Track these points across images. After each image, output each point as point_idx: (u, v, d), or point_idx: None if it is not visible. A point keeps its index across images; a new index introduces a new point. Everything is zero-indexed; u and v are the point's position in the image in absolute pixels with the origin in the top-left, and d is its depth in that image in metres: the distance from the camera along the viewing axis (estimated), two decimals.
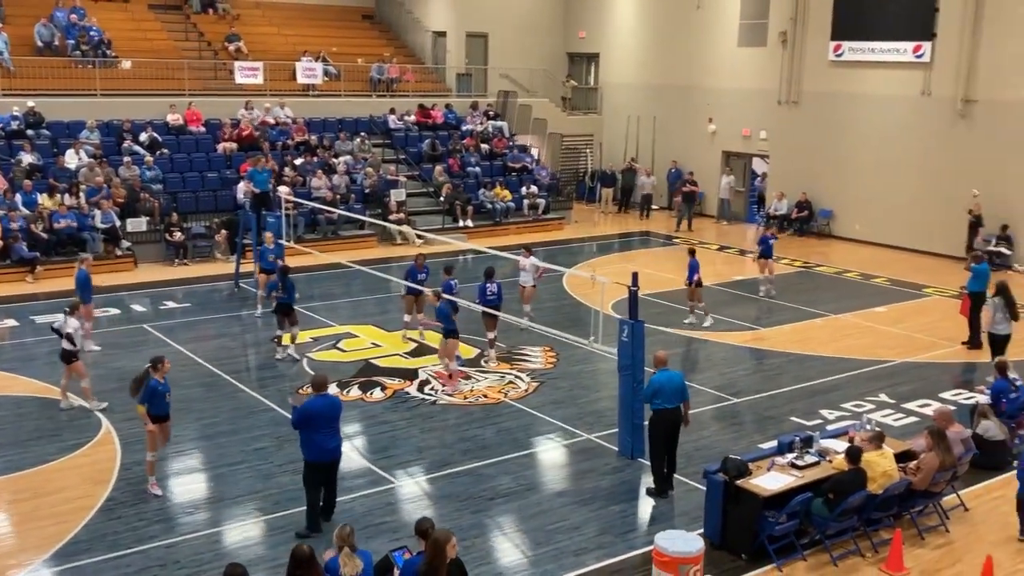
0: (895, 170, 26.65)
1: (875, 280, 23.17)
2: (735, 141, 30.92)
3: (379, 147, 28.93)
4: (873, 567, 9.86)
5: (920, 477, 10.39)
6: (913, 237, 26.39)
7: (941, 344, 17.75)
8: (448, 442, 12.85)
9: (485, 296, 16.24)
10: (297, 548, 7.63)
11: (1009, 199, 24.29)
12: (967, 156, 25.07)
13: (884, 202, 27.00)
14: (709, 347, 17.42)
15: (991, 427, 12.22)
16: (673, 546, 7.78)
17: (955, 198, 25.18)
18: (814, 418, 13.88)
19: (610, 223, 30.58)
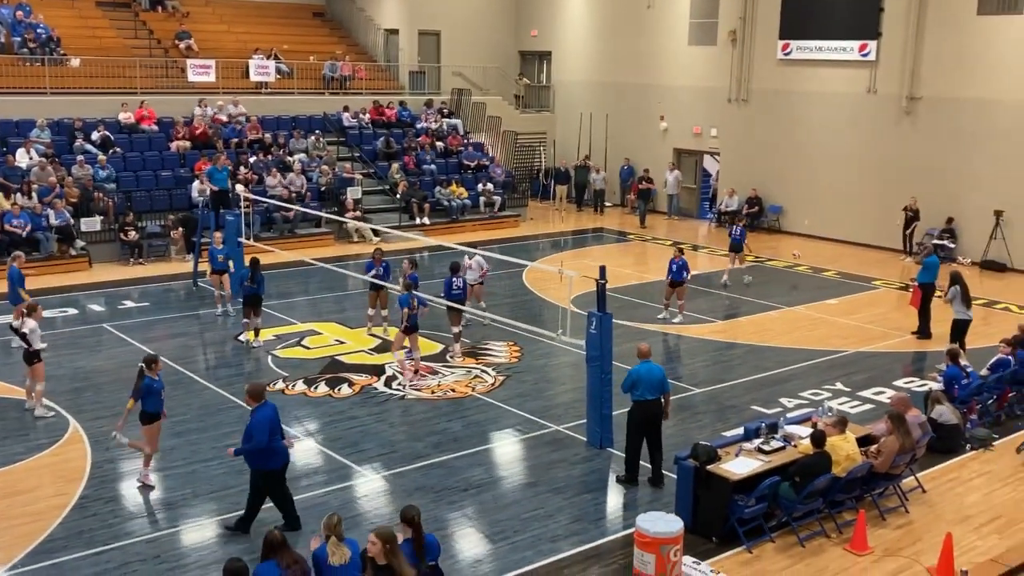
0: (842, 166, 27.30)
1: (825, 273, 23.73)
2: (686, 138, 31.41)
3: (333, 145, 28.91)
4: (838, 547, 10.22)
5: (881, 460, 10.78)
6: (861, 231, 27.06)
7: (892, 334, 18.28)
8: (419, 436, 12.99)
9: (451, 291, 16.41)
10: (269, 534, 7.80)
11: (952, 193, 25.02)
12: (912, 152, 25.78)
13: (832, 197, 27.64)
14: (669, 339, 17.75)
15: (945, 412, 12.68)
16: (654, 527, 8.04)
17: (901, 193, 25.87)
18: (774, 407, 14.27)
19: (565, 220, 30.87)
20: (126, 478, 11.49)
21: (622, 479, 11.55)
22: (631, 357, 14.73)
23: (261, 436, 9.91)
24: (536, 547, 10.05)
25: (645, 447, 11.55)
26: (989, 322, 19.38)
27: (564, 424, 13.44)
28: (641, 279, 22.54)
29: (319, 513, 10.41)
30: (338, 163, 28.07)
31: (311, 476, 11.67)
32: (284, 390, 14.62)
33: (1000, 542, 10.33)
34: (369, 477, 11.69)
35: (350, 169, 27.81)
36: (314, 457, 12.27)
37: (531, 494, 11.29)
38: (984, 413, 13.72)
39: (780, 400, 14.58)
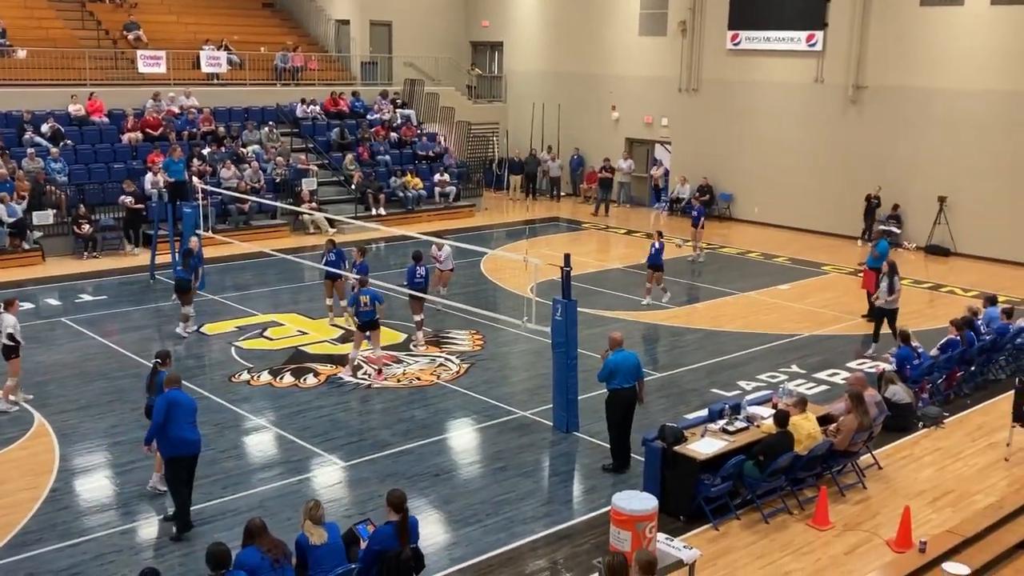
0: (791, 154, 27.81)
1: (776, 259, 24.20)
2: (638, 128, 31.73)
3: (287, 136, 28.75)
4: (801, 523, 10.56)
5: (840, 438, 11.14)
6: (809, 218, 27.59)
7: (843, 318, 18.74)
8: (387, 423, 13.11)
9: (414, 279, 16.50)
10: (250, 521, 7.94)
11: (898, 180, 25.63)
12: (858, 140, 26.34)
13: (781, 185, 28.14)
14: (628, 326, 18.00)
15: (898, 391, 13.10)
16: (630, 505, 8.26)
17: (848, 180, 26.44)
18: (733, 389, 14.62)
19: (519, 209, 31.06)
20: (95, 471, 11.45)
21: (609, 467, 11.73)
22: (593, 343, 15.04)
23: (156, 417, 9.87)
24: (509, 529, 10.24)
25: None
26: (935, 304, 19.96)
27: (530, 410, 13.64)
28: (599, 267, 22.81)
29: (292, 501, 10.57)
30: (292, 154, 27.94)
31: (282, 465, 11.74)
32: (250, 381, 14.62)
33: (954, 514, 10.73)
34: (339, 465, 11.79)
35: (305, 160, 27.70)
36: (283, 447, 12.32)
37: (501, 478, 11.47)
38: (935, 392, 14.18)
39: (738, 383, 14.92)
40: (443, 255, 18.43)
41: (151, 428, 9.99)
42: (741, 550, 9.97)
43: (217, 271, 21.41)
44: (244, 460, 11.91)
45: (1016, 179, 23.73)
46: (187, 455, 10.01)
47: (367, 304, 14.70)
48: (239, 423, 13.04)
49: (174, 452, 9.94)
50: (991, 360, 15.18)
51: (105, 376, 14.64)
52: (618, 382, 11.49)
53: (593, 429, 12.71)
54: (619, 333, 11.96)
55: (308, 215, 25.20)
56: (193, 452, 10.06)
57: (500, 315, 16.59)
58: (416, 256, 16.80)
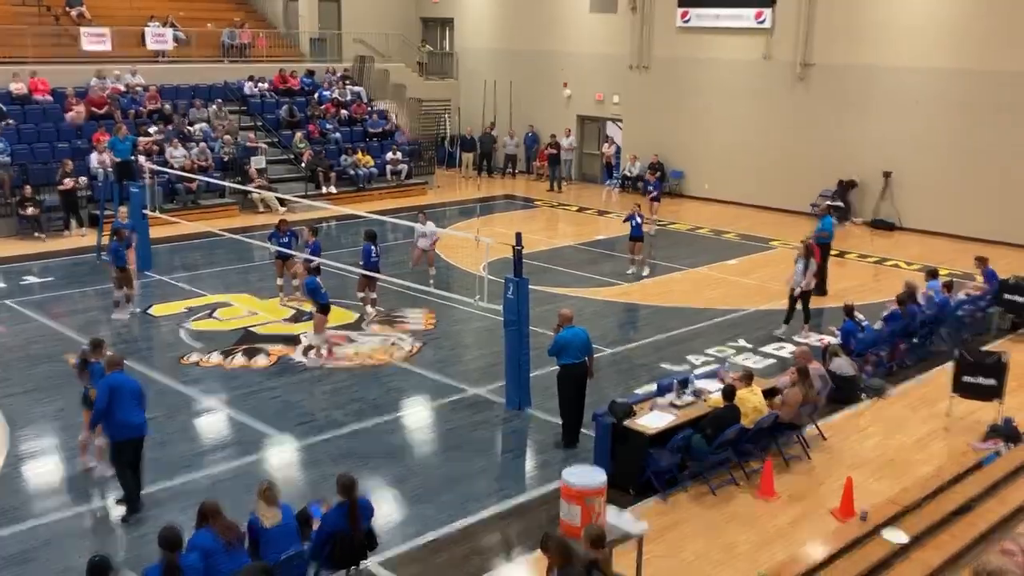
0: (741, 131, 28.09)
1: (725, 235, 24.50)
2: (589, 105, 31.83)
3: (235, 114, 28.45)
4: (747, 494, 10.81)
5: (786, 410, 11.40)
6: (758, 194, 27.94)
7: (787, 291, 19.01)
8: (340, 403, 13.16)
9: (369, 258, 16.51)
10: (203, 503, 7.94)
11: (845, 156, 26.02)
12: (806, 117, 26.67)
13: (731, 162, 28.44)
14: (579, 303, 18.13)
15: (843, 364, 13.40)
16: (579, 480, 8.40)
17: (796, 156, 26.79)
18: (682, 364, 14.85)
19: (471, 187, 31.07)
20: (45, 455, 11.37)
21: (560, 442, 11.87)
22: (545, 320, 15.17)
23: (99, 403, 9.82)
24: (463, 505, 10.37)
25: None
26: (880, 278, 20.36)
27: (483, 387, 13.77)
28: (551, 244, 22.95)
29: (246, 483, 10.58)
30: (240, 132, 27.67)
31: (234, 447, 11.75)
32: (200, 362, 14.58)
33: (895, 483, 11.05)
34: (292, 446, 11.82)
35: (253, 138, 27.45)
36: (235, 428, 12.34)
37: (454, 456, 11.59)
38: (878, 364, 14.52)
39: (687, 358, 15.17)
40: (426, 231, 18.36)
41: (94, 414, 9.94)
42: (689, 522, 10.19)
43: (166, 251, 21.21)
44: (196, 442, 11.90)
45: (958, 155, 24.22)
46: (132, 438, 9.96)
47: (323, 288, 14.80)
48: (190, 405, 13.02)
49: (119, 436, 9.89)
50: (933, 332, 15.56)
51: (52, 359, 14.49)
52: (569, 358, 11.63)
53: (546, 406, 12.86)
54: (569, 309, 12.10)
55: (257, 194, 25.01)
56: (138, 435, 10.02)
57: (452, 293, 16.65)
58: (370, 235, 16.78)
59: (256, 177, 25.81)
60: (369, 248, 16.57)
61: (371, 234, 16.80)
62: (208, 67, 29.39)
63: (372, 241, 16.65)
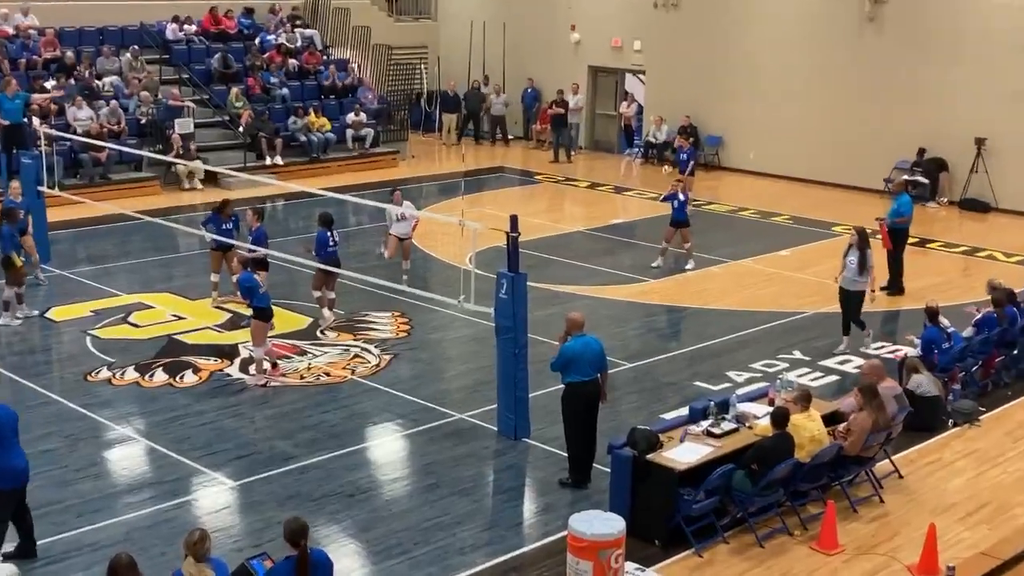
0: (794, 86, 28.09)
1: (776, 219, 24.56)
2: (604, 54, 31.86)
3: (155, 64, 28.45)
4: (803, 546, 10.84)
5: (852, 440, 11.43)
6: (817, 166, 27.98)
7: None
8: (288, 431, 13.17)
9: (326, 248, 16.51)
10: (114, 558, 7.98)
11: (927, 118, 26.03)
12: (878, 67, 26.63)
13: (782, 126, 28.46)
14: (591, 304, 18.18)
15: (923, 382, 13.44)
16: (591, 528, 8.43)
17: (865, 118, 26.79)
18: (720, 381, 14.89)
19: (455, 157, 31.11)
20: None
21: (568, 482, 11.88)
22: (548, 327, 15.20)
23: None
24: (442, 562, 10.40)
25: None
26: (971, 273, 20.43)
27: (469, 411, 13.78)
28: (555, 229, 23.00)
29: (168, 532, 10.61)
30: (162, 88, 27.65)
31: (154, 487, 11.75)
32: (111, 380, 14.60)
33: (990, 533, 11.08)
34: (228, 485, 11.84)
35: (178, 96, 27.43)
36: (155, 463, 12.33)
37: (433, 498, 11.61)
38: (968, 382, 14.55)
39: (728, 374, 15.21)
40: (401, 212, 18.18)
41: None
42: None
43: (67, 239, 21.22)
44: (105, 480, 11.89)
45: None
46: (13, 489, 9.92)
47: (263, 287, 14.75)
48: (98, 434, 13.00)
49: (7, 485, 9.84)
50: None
51: None
52: (577, 374, 11.65)
53: (547, 434, 12.87)
54: (579, 313, 12.12)
55: (183, 166, 25.00)
56: (21, 484, 10.01)
57: (431, 293, 16.65)
58: (325, 219, 16.78)
59: (181, 144, 25.79)
60: (325, 235, 16.57)
61: (327, 218, 16.80)
62: (121, 4, 29.36)
63: (328, 227, 16.65)
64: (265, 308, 14.74)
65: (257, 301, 14.68)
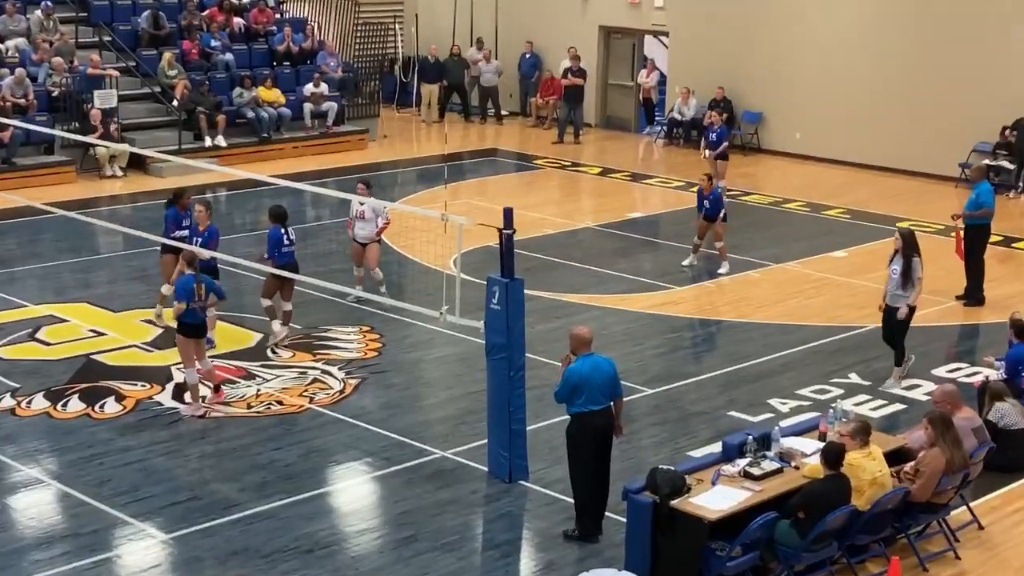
0: (850, 53, 28.15)
1: (828, 212, 24.61)
2: (618, 12, 31.94)
3: (70, 24, 28.48)
4: None
5: (921, 483, 11.41)
6: (878, 150, 28.02)
7: (927, 300, 18.86)
8: (233, 472, 13.15)
9: (281, 249, 16.49)
10: None
11: (1014, 90, 26.05)
12: (952, 29, 26.69)
13: (835, 100, 28.50)
14: (603, 316, 18.21)
15: (1007, 411, 13.41)
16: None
17: (936, 92, 26.81)
18: (761, 411, 14.89)
19: (436, 137, 31.13)
20: None
21: (574, 534, 11.86)
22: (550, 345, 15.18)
23: None
24: None
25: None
26: None
27: (453, 448, 13.76)
28: (559, 225, 23.07)
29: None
30: (78, 53, 27.67)
31: (69, 540, 11.72)
32: (15, 409, 14.57)
33: None
34: (158, 538, 11.82)
35: (98, 62, 27.44)
36: (70, 511, 12.30)
37: (408, 554, 11.59)
38: None
39: (769, 402, 15.20)
40: (365, 212, 18.08)
41: None
42: None
43: None
44: (9, 533, 11.83)
45: None
46: None
47: (202, 298, 14.62)
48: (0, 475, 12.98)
49: None
50: None
51: None
52: (587, 402, 11.61)
53: (549, 476, 12.87)
54: (586, 328, 12.08)
55: (104, 148, 25.00)
56: None
57: (407, 303, 16.65)
58: (278, 214, 16.76)
59: (101, 121, 25.79)
60: (278, 233, 16.55)
61: (279, 213, 16.77)
62: None
63: (281, 223, 16.63)
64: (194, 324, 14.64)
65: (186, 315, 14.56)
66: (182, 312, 14.56)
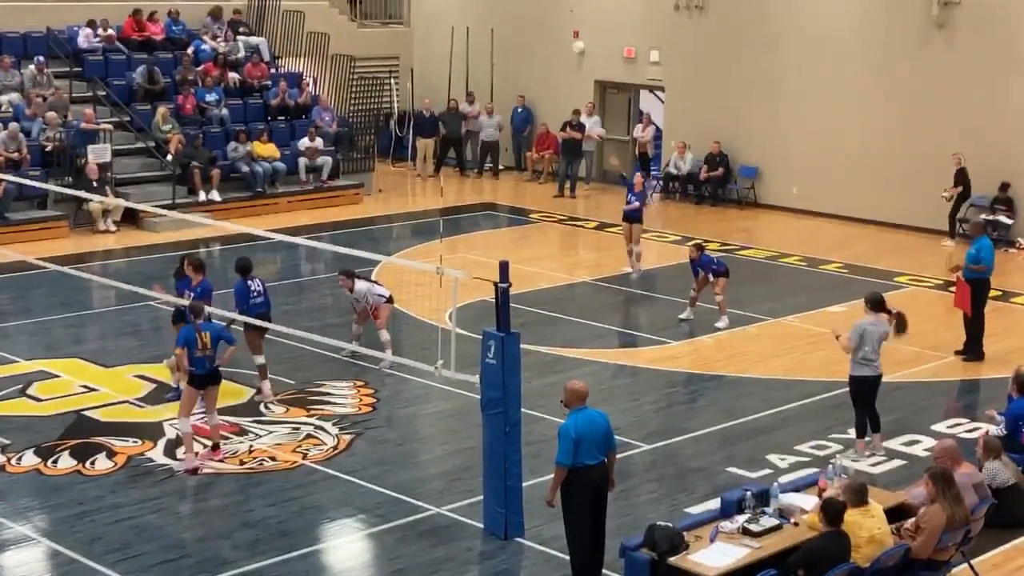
0: (848, 107, 28.22)
1: (825, 267, 24.62)
2: (614, 66, 32.08)
3: (64, 79, 28.58)
4: None
5: (922, 540, 11.35)
6: (875, 203, 28.05)
7: (926, 355, 19.09)
8: (225, 530, 13.09)
9: (249, 300, 16.57)
10: None
11: (1009, 144, 26.13)
12: (949, 84, 26.76)
13: (833, 154, 28.55)
14: (599, 371, 18.19)
15: (998, 471, 13.28)
16: None
17: (934, 145, 26.85)
18: (760, 467, 14.85)
19: (432, 191, 31.21)
20: None
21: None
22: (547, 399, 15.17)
23: None
24: None
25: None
26: None
27: (448, 504, 13.72)
28: (555, 279, 23.15)
29: None
30: (72, 108, 27.75)
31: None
32: (4, 466, 14.52)
33: None
34: None
35: (92, 117, 27.52)
36: (60, 569, 12.23)
37: None
38: None
39: (768, 457, 15.17)
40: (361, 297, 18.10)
41: None
42: None
43: None
44: None
45: None
46: None
47: (207, 347, 14.61)
48: None
49: None
50: None
51: None
52: (584, 456, 11.55)
53: (545, 533, 12.78)
54: (581, 383, 12.06)
55: (98, 203, 25.02)
56: None
57: (402, 357, 16.64)
58: (242, 267, 16.86)
59: (96, 176, 25.82)
60: (245, 288, 16.61)
61: (244, 265, 16.90)
62: (23, 5, 29.52)
63: (245, 275, 16.71)
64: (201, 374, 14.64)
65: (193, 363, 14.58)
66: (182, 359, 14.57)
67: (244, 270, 16.88)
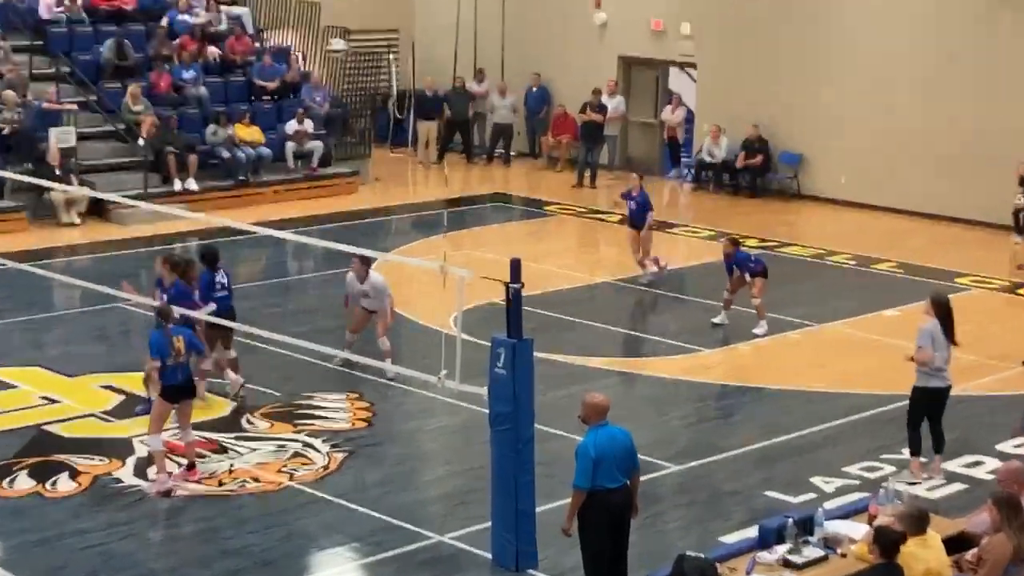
0: (903, 91, 28.21)
1: (877, 266, 24.59)
2: (640, 40, 32.08)
3: (23, 54, 28.64)
4: None
5: (984, 573, 11.31)
6: (935, 196, 28.02)
7: (991, 365, 19.03)
8: (201, 559, 13.07)
9: (214, 294, 16.69)
10: None
11: None
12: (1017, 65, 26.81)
13: (887, 140, 28.53)
14: (623, 383, 18.19)
15: None
16: None
17: (1003, 132, 26.81)
18: (802, 491, 14.78)
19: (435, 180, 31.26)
20: None
21: None
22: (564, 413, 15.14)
23: None
24: None
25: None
26: None
27: (452, 532, 13.69)
28: (573, 279, 23.12)
29: None
30: (33, 86, 27.82)
31: None
32: None
33: None
34: None
35: (54, 97, 27.58)
36: None
37: None
38: None
39: (812, 480, 15.11)
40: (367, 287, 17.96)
41: None
42: None
43: None
44: None
45: None
46: None
47: (180, 354, 14.60)
48: None
49: None
50: None
51: None
52: (604, 478, 11.54)
53: (561, 564, 12.77)
54: (602, 396, 12.04)
55: (60, 192, 25.05)
56: None
57: (401, 367, 16.64)
58: (208, 256, 16.97)
59: (58, 162, 25.87)
60: (211, 280, 16.67)
61: (210, 255, 17.06)
62: None
63: (211, 266, 16.79)
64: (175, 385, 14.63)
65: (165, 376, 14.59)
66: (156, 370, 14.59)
67: (211, 260, 16.95)
